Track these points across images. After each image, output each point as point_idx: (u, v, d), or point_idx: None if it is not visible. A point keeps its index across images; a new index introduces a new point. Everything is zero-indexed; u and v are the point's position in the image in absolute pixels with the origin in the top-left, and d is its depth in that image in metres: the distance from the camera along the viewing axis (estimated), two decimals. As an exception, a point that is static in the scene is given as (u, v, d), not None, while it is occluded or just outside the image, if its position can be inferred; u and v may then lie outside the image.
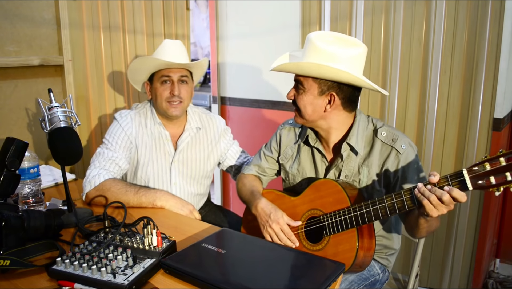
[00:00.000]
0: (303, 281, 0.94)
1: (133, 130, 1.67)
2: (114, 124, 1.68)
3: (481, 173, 0.97)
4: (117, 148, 1.63)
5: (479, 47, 1.94)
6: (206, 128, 1.81)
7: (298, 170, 1.48)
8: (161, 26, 2.39)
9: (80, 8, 2.05)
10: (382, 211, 1.15)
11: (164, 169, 1.72)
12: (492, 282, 2.38)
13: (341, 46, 1.26)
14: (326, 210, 1.26)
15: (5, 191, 1.11)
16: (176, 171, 1.73)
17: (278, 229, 1.30)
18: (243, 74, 2.77)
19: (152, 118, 1.71)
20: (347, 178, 1.36)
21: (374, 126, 1.37)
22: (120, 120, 1.67)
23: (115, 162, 1.60)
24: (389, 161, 1.30)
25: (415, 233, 1.25)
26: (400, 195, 1.12)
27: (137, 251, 1.04)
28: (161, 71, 1.65)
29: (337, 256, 1.21)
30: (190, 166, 1.76)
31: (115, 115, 1.71)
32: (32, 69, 1.92)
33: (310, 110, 1.33)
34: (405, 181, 1.28)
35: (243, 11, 2.69)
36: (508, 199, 2.49)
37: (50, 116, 1.28)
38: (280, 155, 1.55)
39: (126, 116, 1.69)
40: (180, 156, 1.74)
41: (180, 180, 1.75)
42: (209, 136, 1.81)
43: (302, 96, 1.33)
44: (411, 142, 1.32)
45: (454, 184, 1.02)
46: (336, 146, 1.40)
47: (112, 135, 1.65)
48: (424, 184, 1.05)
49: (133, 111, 1.72)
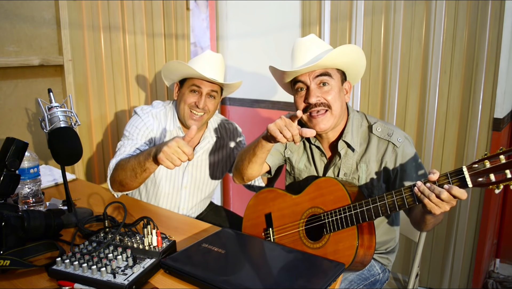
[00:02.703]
0: (303, 281, 0.94)
1: (154, 127, 1.65)
2: (135, 117, 1.66)
3: (481, 170, 0.97)
4: (138, 138, 1.61)
5: (479, 47, 1.94)
6: (224, 137, 1.80)
7: (305, 165, 1.48)
8: (161, 26, 2.39)
9: (80, 8, 2.05)
10: (382, 208, 1.15)
11: (177, 173, 1.71)
12: (492, 282, 2.38)
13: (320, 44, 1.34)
14: (327, 207, 1.27)
15: (5, 191, 1.11)
16: (189, 175, 1.73)
17: (283, 120, 1.21)
18: (243, 74, 2.77)
19: (173, 121, 1.69)
20: (346, 175, 1.36)
21: (368, 122, 1.38)
22: (141, 115, 1.65)
23: (136, 147, 1.58)
24: (387, 155, 1.31)
25: (422, 227, 1.24)
26: (400, 192, 1.12)
27: (137, 251, 1.04)
28: (193, 79, 1.62)
29: (337, 254, 1.21)
30: (204, 172, 1.76)
31: (135, 109, 1.68)
32: (32, 69, 1.92)
33: (340, 107, 1.32)
34: (405, 174, 1.28)
35: (243, 11, 2.69)
36: (508, 199, 2.49)
37: (50, 116, 1.28)
38: (286, 148, 1.53)
39: (148, 113, 1.66)
40: (195, 162, 1.73)
41: (190, 184, 1.75)
42: (226, 145, 1.81)
43: (330, 91, 1.31)
44: (406, 135, 1.33)
45: (454, 182, 1.02)
46: (332, 144, 1.41)
47: (133, 127, 1.63)
48: (424, 182, 1.05)
49: (154, 109, 1.69)
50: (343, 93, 1.37)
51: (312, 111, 1.31)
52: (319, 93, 1.30)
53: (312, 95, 1.29)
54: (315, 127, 1.31)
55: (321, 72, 1.30)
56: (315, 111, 1.30)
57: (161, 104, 1.72)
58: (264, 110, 2.72)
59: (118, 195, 1.58)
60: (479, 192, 2.07)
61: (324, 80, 1.30)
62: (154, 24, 2.35)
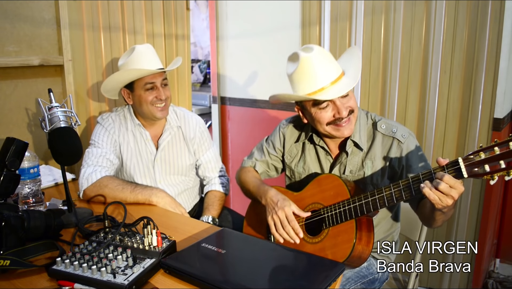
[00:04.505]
0: (303, 281, 0.94)
1: (115, 130, 1.74)
2: (97, 126, 1.76)
3: (476, 161, 1.00)
4: (104, 144, 1.70)
5: (479, 47, 1.94)
6: (182, 127, 1.84)
7: (304, 168, 1.48)
8: (161, 26, 2.39)
9: (80, 8, 2.05)
10: (381, 201, 1.16)
11: (148, 168, 1.78)
12: (492, 282, 2.38)
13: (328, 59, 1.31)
14: (327, 203, 1.27)
15: (5, 191, 1.11)
16: (159, 168, 1.79)
17: (283, 216, 1.26)
18: (243, 74, 2.77)
19: (132, 120, 1.77)
20: (352, 172, 1.37)
21: (373, 120, 1.40)
22: (102, 122, 1.75)
23: (106, 157, 1.66)
24: (392, 151, 1.32)
25: (432, 223, 1.24)
26: (398, 185, 1.13)
27: (137, 251, 1.04)
28: (143, 78, 1.68)
29: (335, 247, 1.21)
30: (172, 162, 1.81)
31: (97, 119, 1.79)
32: (32, 69, 1.92)
33: (357, 108, 1.35)
34: (410, 169, 1.29)
35: (243, 11, 2.69)
36: (508, 199, 2.49)
37: (50, 116, 1.28)
38: (285, 154, 1.54)
39: (108, 118, 1.77)
40: (162, 154, 1.79)
41: (164, 178, 1.80)
42: (186, 134, 1.85)
43: (351, 98, 1.31)
44: (410, 132, 1.34)
45: (450, 172, 1.04)
46: (340, 143, 1.42)
47: (97, 135, 1.73)
48: (422, 174, 1.08)
49: (113, 113, 1.80)
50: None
51: (337, 122, 1.30)
52: (346, 104, 1.30)
53: (342, 109, 1.28)
54: (343, 135, 1.32)
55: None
56: (342, 120, 1.30)
57: (119, 109, 1.82)
58: (264, 110, 2.73)
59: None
60: (479, 192, 2.07)
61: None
62: (154, 24, 2.35)
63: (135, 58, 1.68)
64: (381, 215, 1.41)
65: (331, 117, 1.30)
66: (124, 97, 1.76)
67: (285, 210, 1.27)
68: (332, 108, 1.29)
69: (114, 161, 1.70)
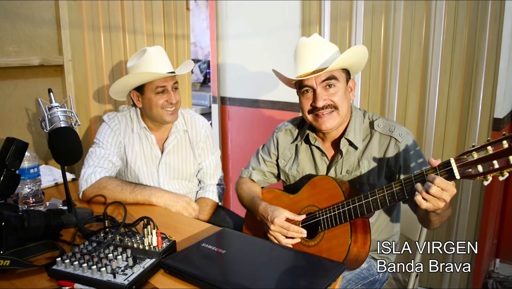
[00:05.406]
0: (303, 281, 0.94)
1: (121, 131, 1.72)
2: (103, 125, 1.73)
3: (469, 161, 0.97)
4: (108, 145, 1.68)
5: (479, 47, 1.94)
6: (189, 130, 1.83)
7: (297, 170, 1.48)
8: (161, 26, 2.39)
9: (80, 8, 2.05)
10: (374, 203, 1.15)
11: (152, 171, 1.76)
12: (492, 282, 2.38)
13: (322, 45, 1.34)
14: (322, 205, 1.27)
15: (5, 191, 1.11)
16: (163, 172, 1.77)
17: (278, 228, 1.28)
18: (243, 74, 2.77)
19: (138, 123, 1.75)
20: (348, 172, 1.36)
21: (370, 119, 1.39)
22: (108, 122, 1.73)
23: (108, 159, 1.64)
24: (389, 151, 1.31)
25: (428, 225, 1.24)
26: (391, 187, 1.13)
27: (137, 251, 1.04)
28: (154, 82, 1.65)
29: (330, 250, 1.21)
30: (177, 167, 1.79)
31: (103, 117, 1.76)
32: (32, 69, 1.92)
33: (346, 106, 1.34)
34: (408, 169, 1.28)
35: (243, 11, 2.69)
36: (508, 199, 2.49)
37: (50, 116, 1.28)
38: (279, 158, 1.54)
39: (114, 118, 1.74)
40: (167, 158, 1.77)
41: (168, 181, 1.78)
42: (192, 138, 1.83)
43: (337, 93, 1.32)
44: (408, 131, 1.33)
45: (442, 174, 1.02)
46: (335, 143, 1.41)
47: (102, 135, 1.70)
48: (414, 180, 1.06)
49: (119, 113, 1.77)
50: (348, 91, 1.37)
51: (318, 112, 1.32)
52: (326, 96, 1.30)
53: (319, 99, 1.29)
54: (321, 127, 1.32)
55: (327, 76, 1.30)
56: (321, 112, 1.31)
57: (126, 108, 1.79)
58: (264, 110, 2.72)
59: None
60: (479, 192, 2.07)
61: (330, 83, 1.31)
62: (154, 24, 2.35)
63: (146, 61, 1.65)
64: (382, 218, 1.41)
65: (309, 105, 1.33)
66: (133, 99, 1.73)
67: (276, 221, 1.28)
68: (312, 97, 1.32)
69: (117, 163, 1.68)
